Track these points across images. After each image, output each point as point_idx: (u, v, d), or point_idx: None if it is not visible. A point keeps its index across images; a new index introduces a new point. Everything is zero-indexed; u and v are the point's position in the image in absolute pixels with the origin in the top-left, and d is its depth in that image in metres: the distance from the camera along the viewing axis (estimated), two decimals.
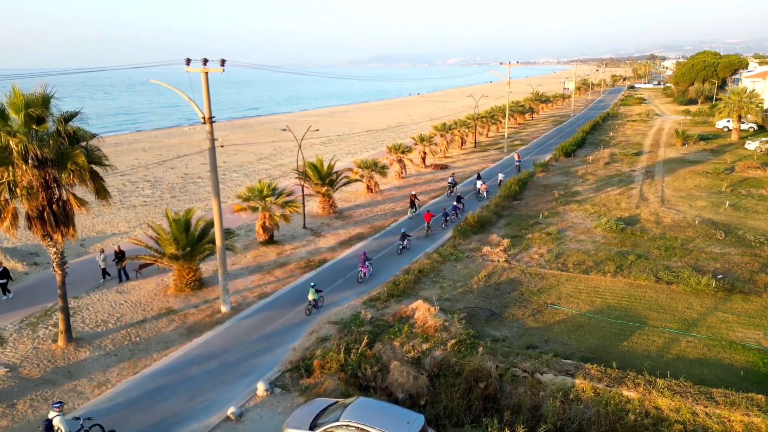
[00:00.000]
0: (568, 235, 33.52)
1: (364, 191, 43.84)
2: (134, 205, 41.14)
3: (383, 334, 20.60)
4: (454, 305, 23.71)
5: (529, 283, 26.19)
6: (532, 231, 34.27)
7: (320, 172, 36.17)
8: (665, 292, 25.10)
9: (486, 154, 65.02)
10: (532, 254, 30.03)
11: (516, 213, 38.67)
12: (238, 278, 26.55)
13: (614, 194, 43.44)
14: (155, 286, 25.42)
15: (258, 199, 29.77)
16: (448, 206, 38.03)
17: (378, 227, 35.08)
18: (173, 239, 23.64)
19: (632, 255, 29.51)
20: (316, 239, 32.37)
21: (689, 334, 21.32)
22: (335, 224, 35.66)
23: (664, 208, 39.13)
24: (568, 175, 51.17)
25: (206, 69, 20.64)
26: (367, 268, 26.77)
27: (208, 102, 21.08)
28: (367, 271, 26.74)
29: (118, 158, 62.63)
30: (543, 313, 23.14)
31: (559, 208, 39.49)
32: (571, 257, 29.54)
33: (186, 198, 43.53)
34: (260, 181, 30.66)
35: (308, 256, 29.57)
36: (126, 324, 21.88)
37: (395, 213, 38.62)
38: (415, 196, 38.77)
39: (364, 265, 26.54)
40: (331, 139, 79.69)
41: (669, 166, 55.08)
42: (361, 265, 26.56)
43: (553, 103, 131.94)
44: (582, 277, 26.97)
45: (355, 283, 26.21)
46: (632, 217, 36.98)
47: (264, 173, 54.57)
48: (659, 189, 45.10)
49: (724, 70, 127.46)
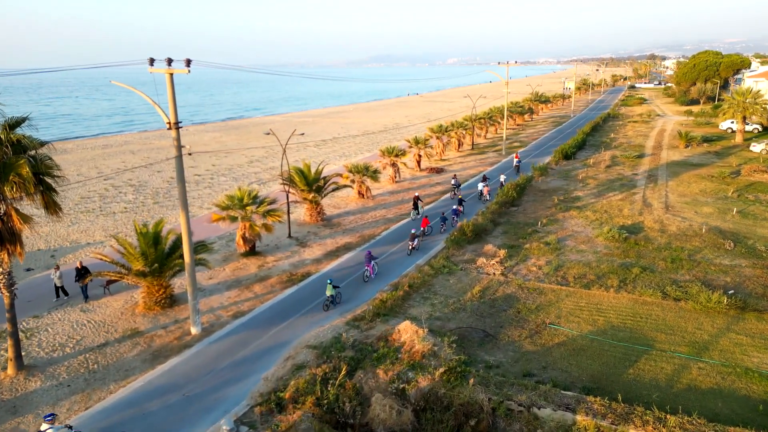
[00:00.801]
0: (568, 244, 31.70)
1: (355, 197, 42.02)
2: (114, 212, 39.31)
3: (366, 361, 18.79)
4: (445, 325, 21.90)
5: (527, 299, 24.37)
6: (530, 240, 32.46)
7: (307, 178, 34.35)
8: (673, 310, 23.27)
9: (483, 156, 63.18)
10: (530, 266, 28.21)
11: (513, 220, 36.84)
12: (214, 294, 24.71)
13: (616, 200, 41.61)
14: (123, 304, 23.59)
15: (238, 208, 27.94)
16: (447, 210, 37.07)
17: (368, 236, 33.24)
18: (141, 254, 21.81)
19: (637, 267, 27.68)
20: (301, 250, 30.53)
21: (701, 359, 19.49)
22: (323, 233, 33.83)
23: (669, 214, 37.30)
24: (568, 179, 49.35)
25: (171, 70, 18.82)
26: (373, 267, 26.65)
27: (173, 106, 19.25)
28: (372, 271, 26.62)
29: (105, 161, 60.91)
30: (541, 334, 21.32)
31: (558, 215, 37.67)
32: (572, 270, 27.73)
33: (169, 204, 41.69)
34: (240, 189, 28.83)
35: (291, 269, 27.73)
36: (85, 348, 20.04)
37: (387, 220, 36.77)
38: (418, 197, 37.61)
39: (369, 264, 26.41)
40: (326, 141, 77.86)
41: (672, 169, 53.25)
42: (367, 264, 26.47)
43: (553, 103, 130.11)
44: (583, 292, 25.13)
45: (343, 301, 24.38)
46: (636, 225, 35.15)
47: (254, 176, 52.77)
48: (663, 194, 43.27)
49: (726, 70, 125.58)
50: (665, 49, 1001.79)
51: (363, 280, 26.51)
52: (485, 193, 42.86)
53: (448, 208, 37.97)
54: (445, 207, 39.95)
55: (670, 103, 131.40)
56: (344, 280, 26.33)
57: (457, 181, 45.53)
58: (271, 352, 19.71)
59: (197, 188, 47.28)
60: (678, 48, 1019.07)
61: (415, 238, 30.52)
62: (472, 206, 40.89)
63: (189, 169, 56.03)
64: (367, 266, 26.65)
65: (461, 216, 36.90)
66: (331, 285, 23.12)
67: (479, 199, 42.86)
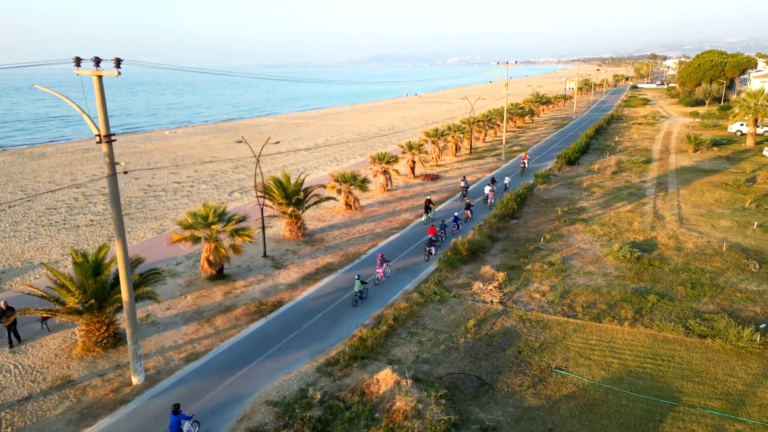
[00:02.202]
0: (574, 265, 28.47)
1: (342, 208, 38.77)
2: (79, 225, 36.07)
3: (335, 422, 15.57)
4: (433, 370, 18.67)
5: (529, 335, 21.15)
6: (532, 260, 29.23)
7: (286, 190, 31.09)
8: (699, 349, 20.04)
9: (482, 161, 59.91)
10: (532, 292, 24.97)
11: (513, 235, 33.61)
12: (169, 329, 21.46)
13: (625, 211, 38.37)
14: (61, 343, 20.35)
15: (202, 227, 24.68)
16: (459, 211, 37.13)
17: (352, 255, 29.97)
18: (77, 287, 18.57)
19: (653, 294, 24.46)
20: (276, 273, 27.25)
21: (737, 418, 16.26)
22: (302, 251, 30.57)
23: (684, 229, 34.06)
24: (572, 188, 46.12)
25: (99, 72, 15.60)
26: (384, 270, 26.13)
27: (104, 114, 16.02)
28: (383, 274, 26.11)
29: (82, 167, 57.70)
30: (547, 382, 18.09)
31: (562, 229, 34.44)
32: (579, 296, 24.51)
33: (141, 216, 38.45)
34: (205, 205, 25.54)
35: (261, 296, 24.47)
36: (3, 403, 16.80)
37: (375, 236, 33.51)
38: (430, 200, 36.42)
39: (381, 267, 25.92)
40: (318, 145, 74.59)
41: (683, 176, 50.03)
42: (378, 266, 25.99)
43: (554, 104, 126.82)
44: (593, 326, 21.90)
45: (316, 338, 21.14)
46: (648, 242, 31.93)
47: (237, 184, 49.52)
48: (675, 204, 40.04)
49: (732, 70, 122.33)
50: (665, 49, 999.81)
51: (374, 283, 25.88)
52: (490, 198, 40.78)
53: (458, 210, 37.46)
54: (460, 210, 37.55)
55: (675, 104, 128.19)
56: (321, 311, 23.10)
57: (466, 183, 43.41)
58: (223, 410, 16.46)
59: (174, 197, 44.02)
60: (678, 48, 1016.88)
61: (431, 244, 29.41)
62: (478, 211, 39.23)
63: (169, 175, 52.87)
64: (379, 269, 26.02)
65: (470, 222, 36.36)
66: (359, 281, 23.20)
67: (485, 203, 40.99)
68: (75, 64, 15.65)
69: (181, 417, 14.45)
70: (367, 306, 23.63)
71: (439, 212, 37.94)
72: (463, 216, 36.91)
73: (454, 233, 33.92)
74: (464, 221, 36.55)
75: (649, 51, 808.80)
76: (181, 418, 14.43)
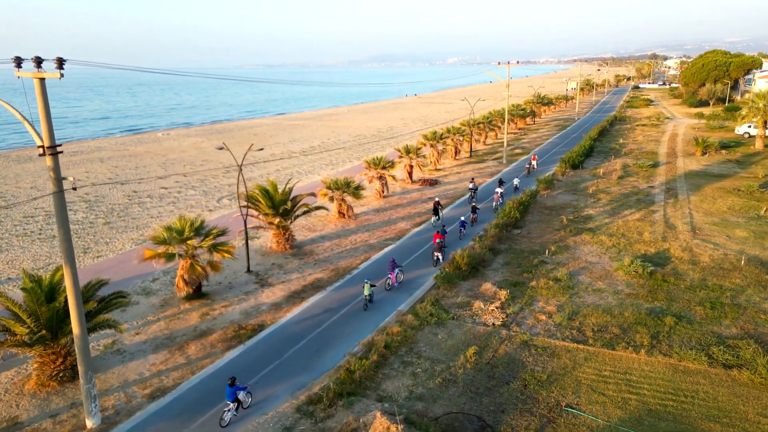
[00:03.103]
0: (582, 281, 26.40)
1: (334, 216, 36.68)
2: (55, 236, 33.96)
3: None
4: (429, 409, 16.60)
5: (535, 365, 19.06)
6: (536, 274, 27.16)
7: (273, 199, 29.00)
8: (725, 382, 17.96)
9: (483, 165, 57.80)
10: (537, 314, 22.89)
11: (516, 247, 31.53)
12: (136, 359, 19.38)
13: (633, 220, 36.29)
14: (14, 376, 18.25)
15: (176, 243, 22.58)
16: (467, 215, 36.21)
17: (343, 270, 27.87)
18: (29, 315, 16.50)
19: (669, 316, 22.38)
20: (259, 290, 25.15)
21: None
22: (290, 265, 28.48)
23: (698, 240, 31.99)
24: (576, 194, 44.03)
25: (41, 74, 13.48)
26: (396, 275, 25.44)
27: (47, 121, 13.87)
28: (395, 279, 25.43)
29: (67, 171, 55.58)
30: (556, 424, 16.01)
31: (568, 240, 32.37)
32: (589, 318, 22.44)
33: (122, 225, 36.37)
34: (181, 218, 23.42)
35: (242, 318, 22.38)
36: None
37: (368, 248, 31.42)
38: (438, 202, 35.98)
39: (392, 272, 25.29)
40: (314, 147, 72.53)
41: (692, 181, 47.95)
42: (390, 272, 25.35)
43: (556, 105, 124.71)
44: (606, 353, 19.81)
45: (298, 370, 19.08)
46: (660, 254, 29.85)
47: (227, 189, 47.42)
48: (686, 212, 37.96)
49: (736, 70, 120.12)
50: (666, 49, 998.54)
51: (385, 288, 25.21)
52: (495, 200, 39.91)
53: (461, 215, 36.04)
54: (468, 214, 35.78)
55: (678, 105, 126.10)
56: (306, 336, 21.01)
57: (475, 185, 42.49)
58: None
59: (160, 204, 41.93)
60: (679, 47, 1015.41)
61: (442, 248, 28.19)
62: (484, 215, 38.15)
63: (157, 180, 50.79)
64: (390, 274, 25.35)
65: (476, 225, 35.57)
66: (369, 284, 22.76)
67: (493, 207, 39.87)
68: (15, 66, 13.55)
69: (237, 388, 15.88)
70: (357, 330, 21.54)
71: (425, 231, 35.71)
72: (470, 219, 35.95)
73: (460, 237, 32.97)
74: (471, 224, 35.59)
75: (649, 51, 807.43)
76: (236, 389, 15.85)
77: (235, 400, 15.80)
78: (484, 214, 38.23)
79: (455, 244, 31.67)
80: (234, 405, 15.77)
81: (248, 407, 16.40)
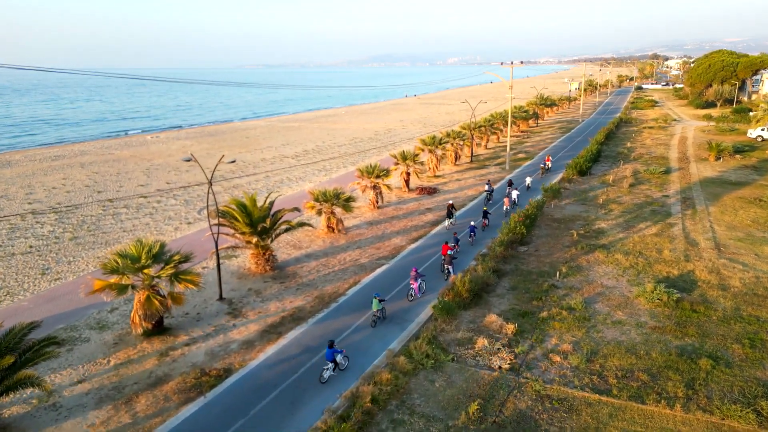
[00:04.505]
0: (599, 310, 23.25)
1: (323, 231, 33.50)
2: (14, 253, 30.84)
3: None
4: None
5: (551, 424, 15.92)
6: (547, 302, 24.01)
7: (251, 216, 25.83)
8: None
9: (484, 171, 54.60)
10: (550, 353, 19.74)
11: (523, 267, 28.36)
12: (72, 417, 16.20)
13: (650, 235, 33.14)
14: None
15: (131, 272, 19.39)
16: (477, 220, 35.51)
17: (328, 297, 24.68)
18: None
19: (704, 357, 19.23)
20: (230, 324, 21.96)
21: None
22: (269, 290, 25.29)
23: (725, 260, 28.84)
24: (586, 203, 40.87)
25: None
26: (419, 286, 24.19)
27: None
28: (418, 290, 24.14)
29: (45, 177, 52.50)
30: None
31: (580, 259, 29.22)
32: (611, 359, 19.28)
33: (90, 241, 33.19)
34: (139, 242, 20.23)
35: (206, 360, 19.19)
36: None
37: (359, 268, 28.23)
38: (452, 205, 35.19)
39: (415, 283, 24.02)
40: (307, 151, 69.37)
41: (709, 189, 44.79)
42: (412, 281, 24.06)
43: (559, 106, 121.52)
44: (635, 408, 16.66)
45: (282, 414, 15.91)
46: (684, 277, 26.70)
47: (210, 198, 44.13)
48: (707, 226, 34.80)
49: (744, 71, 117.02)
50: (666, 49, 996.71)
51: (407, 299, 23.99)
52: (506, 205, 38.72)
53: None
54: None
55: (684, 106, 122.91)
56: (279, 385, 17.80)
57: (491, 187, 42.10)
58: None
59: (136, 216, 38.74)
60: (679, 48, 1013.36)
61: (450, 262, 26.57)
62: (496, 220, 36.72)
63: (138, 187, 47.66)
64: (413, 284, 24.11)
65: (487, 230, 34.50)
66: (378, 299, 21.62)
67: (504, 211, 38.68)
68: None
69: (335, 351, 17.84)
70: (340, 376, 18.35)
71: (426, 246, 32.68)
72: (481, 225, 35.01)
73: (471, 243, 31.87)
74: (482, 229, 34.62)
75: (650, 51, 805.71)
76: (335, 352, 17.81)
77: (333, 361, 17.69)
78: (495, 219, 36.80)
79: (465, 250, 30.45)
80: (332, 365, 17.73)
81: (344, 369, 18.30)
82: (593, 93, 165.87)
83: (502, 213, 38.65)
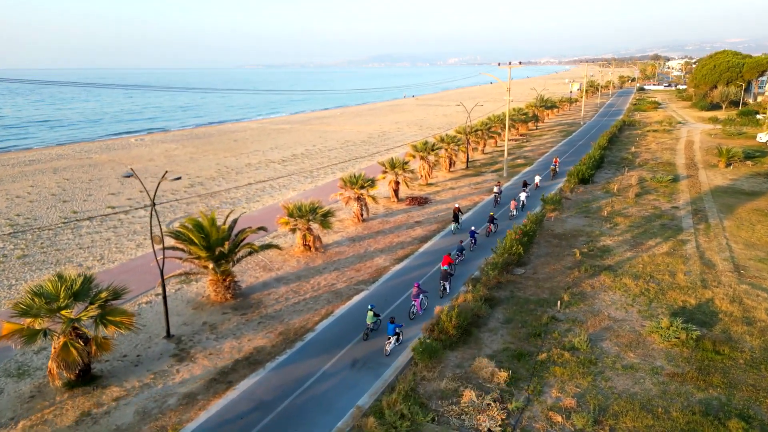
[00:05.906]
0: (606, 350, 20.01)
1: (298, 249, 30.26)
2: None
3: None
4: None
5: None
6: (546, 340, 20.79)
7: (208, 237, 22.59)
8: None
9: (480, 179, 51.32)
10: (550, 410, 16.48)
11: (519, 294, 25.12)
12: None
13: (661, 254, 29.91)
14: None
15: (46, 314, 16.12)
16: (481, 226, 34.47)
17: (294, 333, 21.41)
18: None
19: (734, 418, 15.99)
20: (174, 369, 18.68)
21: None
22: (226, 325, 22.03)
23: (746, 285, 25.60)
24: (589, 216, 37.63)
25: None
26: (420, 302, 22.87)
27: None
28: (419, 307, 22.88)
29: (12, 184, 49.36)
30: None
31: (584, 284, 25.98)
32: (623, 420, 16.04)
33: (41, 260, 29.96)
34: (59, 277, 16.96)
35: (135, 422, 15.93)
36: None
37: (334, 296, 24.97)
38: (458, 208, 34.66)
39: (416, 299, 22.80)
40: (296, 155, 66.13)
41: (721, 200, 41.56)
42: (414, 298, 22.86)
43: (560, 108, 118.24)
44: None
45: None
46: (702, 308, 23.46)
47: (183, 210, 40.92)
48: (723, 244, 31.57)
49: (750, 72, 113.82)
50: (667, 49, 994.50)
51: (409, 317, 22.57)
52: (512, 208, 37.89)
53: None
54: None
55: (688, 108, 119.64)
56: None
57: (500, 189, 42.10)
58: None
59: (98, 229, 35.50)
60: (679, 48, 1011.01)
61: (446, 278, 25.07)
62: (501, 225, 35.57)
63: (108, 196, 44.43)
64: (415, 301, 22.83)
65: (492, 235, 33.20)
66: (372, 312, 20.80)
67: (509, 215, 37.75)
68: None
69: (396, 326, 19.53)
70: None
71: (412, 267, 29.55)
72: (485, 230, 33.91)
73: (471, 249, 30.88)
74: (486, 235, 33.57)
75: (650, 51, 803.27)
76: (396, 326, 19.52)
77: (395, 334, 19.37)
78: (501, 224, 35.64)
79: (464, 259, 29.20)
80: (394, 338, 19.45)
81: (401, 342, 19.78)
82: (594, 94, 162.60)
83: (507, 217, 37.20)
